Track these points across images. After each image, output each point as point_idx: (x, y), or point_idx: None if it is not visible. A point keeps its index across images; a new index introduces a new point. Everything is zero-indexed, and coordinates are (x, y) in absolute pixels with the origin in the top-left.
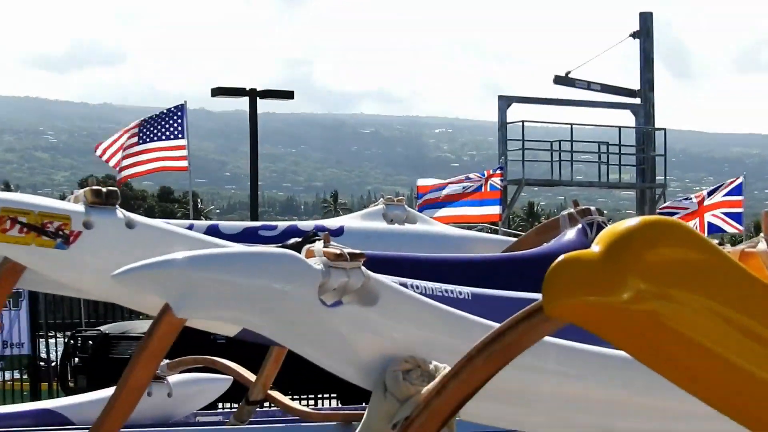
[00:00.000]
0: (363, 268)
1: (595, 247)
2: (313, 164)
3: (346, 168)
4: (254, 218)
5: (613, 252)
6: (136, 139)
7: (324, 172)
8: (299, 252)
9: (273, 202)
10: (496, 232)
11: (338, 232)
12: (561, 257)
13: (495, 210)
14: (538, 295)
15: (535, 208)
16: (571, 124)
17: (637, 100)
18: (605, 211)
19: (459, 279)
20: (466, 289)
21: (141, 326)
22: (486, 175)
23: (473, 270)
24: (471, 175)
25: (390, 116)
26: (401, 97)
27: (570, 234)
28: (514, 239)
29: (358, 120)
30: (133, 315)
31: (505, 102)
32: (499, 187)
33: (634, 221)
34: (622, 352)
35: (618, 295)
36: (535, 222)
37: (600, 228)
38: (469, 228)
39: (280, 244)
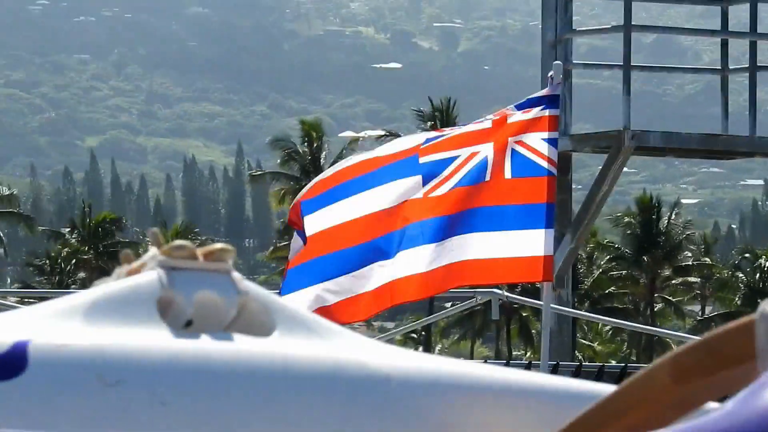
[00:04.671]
0: None
1: None
2: None
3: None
4: None
5: None
6: None
7: None
8: None
9: None
10: (523, 320)
11: (14, 366)
12: None
13: (535, 246)
14: None
15: (662, 220)
16: None
17: None
18: None
19: None
20: None
21: None
22: (492, 123)
23: None
24: (452, 132)
25: None
26: None
27: None
28: (589, 391)
29: None
30: None
31: None
32: (545, 168)
33: None
34: None
35: None
36: (665, 267)
37: None
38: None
39: None
